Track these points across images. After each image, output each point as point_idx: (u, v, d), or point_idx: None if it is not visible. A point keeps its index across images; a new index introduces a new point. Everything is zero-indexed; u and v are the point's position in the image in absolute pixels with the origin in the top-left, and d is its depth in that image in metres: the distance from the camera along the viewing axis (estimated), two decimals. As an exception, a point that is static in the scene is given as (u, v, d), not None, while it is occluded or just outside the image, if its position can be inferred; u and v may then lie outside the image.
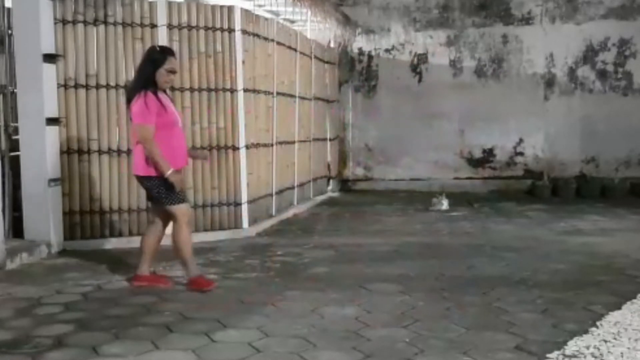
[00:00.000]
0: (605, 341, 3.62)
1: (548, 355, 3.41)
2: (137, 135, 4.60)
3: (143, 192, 6.48)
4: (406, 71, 11.21)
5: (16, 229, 6.13)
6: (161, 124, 4.55)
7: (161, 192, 4.63)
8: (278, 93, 7.88)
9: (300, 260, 5.63)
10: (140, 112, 4.52)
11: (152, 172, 4.60)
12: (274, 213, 7.88)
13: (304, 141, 9.18)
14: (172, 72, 4.69)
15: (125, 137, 6.46)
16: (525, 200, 9.85)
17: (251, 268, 5.49)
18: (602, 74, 10.65)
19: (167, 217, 4.81)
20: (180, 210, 4.69)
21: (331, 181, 10.61)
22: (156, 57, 4.65)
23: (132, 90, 4.69)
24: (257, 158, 7.42)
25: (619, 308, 4.22)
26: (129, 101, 4.67)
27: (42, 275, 5.27)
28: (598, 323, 3.92)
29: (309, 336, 3.74)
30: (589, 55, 10.67)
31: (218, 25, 6.86)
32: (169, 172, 4.53)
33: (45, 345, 3.64)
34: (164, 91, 4.74)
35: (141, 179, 4.73)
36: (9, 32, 6.42)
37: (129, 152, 6.47)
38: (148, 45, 6.51)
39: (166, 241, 6.47)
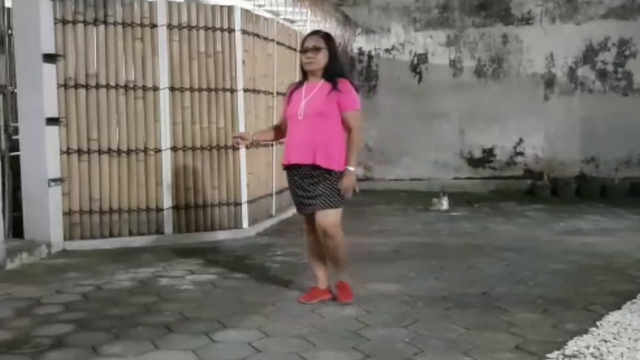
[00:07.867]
0: (605, 341, 3.62)
1: (548, 355, 3.41)
2: (352, 124, 4.19)
3: (143, 192, 6.56)
4: (406, 71, 11.22)
5: (16, 229, 6.13)
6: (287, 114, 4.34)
7: (335, 191, 4.19)
8: (278, 93, 7.87)
9: (300, 260, 5.62)
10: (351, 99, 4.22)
11: (334, 166, 4.19)
12: (274, 213, 7.87)
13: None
14: (305, 50, 4.26)
15: (125, 137, 6.47)
16: (525, 200, 9.85)
17: (251, 268, 5.50)
18: (602, 74, 10.65)
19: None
20: (339, 215, 4.28)
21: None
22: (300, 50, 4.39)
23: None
24: (257, 158, 7.42)
25: (619, 308, 4.22)
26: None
27: (42, 275, 5.27)
28: (598, 323, 3.92)
29: (309, 336, 3.74)
30: (589, 55, 10.67)
31: (218, 25, 6.86)
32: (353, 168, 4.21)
33: (45, 345, 3.64)
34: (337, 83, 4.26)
35: (328, 174, 4.19)
36: (9, 32, 6.43)
37: (129, 152, 6.48)
38: (148, 45, 6.54)
39: (168, 240, 6.53)
